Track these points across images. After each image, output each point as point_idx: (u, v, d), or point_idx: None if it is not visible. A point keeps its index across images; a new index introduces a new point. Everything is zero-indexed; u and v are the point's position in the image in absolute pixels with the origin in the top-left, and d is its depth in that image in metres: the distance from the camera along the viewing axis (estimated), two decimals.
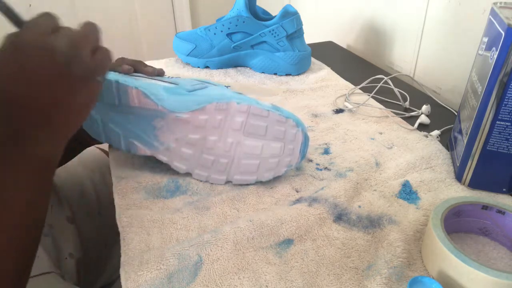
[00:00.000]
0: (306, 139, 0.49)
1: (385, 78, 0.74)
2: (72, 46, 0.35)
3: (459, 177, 0.50)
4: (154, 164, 0.53)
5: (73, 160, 0.63)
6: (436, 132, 0.61)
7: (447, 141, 0.59)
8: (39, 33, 0.34)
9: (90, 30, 0.37)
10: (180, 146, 0.47)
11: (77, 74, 0.35)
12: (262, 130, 0.47)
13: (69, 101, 0.36)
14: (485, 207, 0.41)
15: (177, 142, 0.47)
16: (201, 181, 0.50)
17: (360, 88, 0.75)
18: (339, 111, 0.68)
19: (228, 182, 0.49)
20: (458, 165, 0.50)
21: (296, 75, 0.83)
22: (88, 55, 0.36)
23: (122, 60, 0.53)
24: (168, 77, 0.55)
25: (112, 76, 0.46)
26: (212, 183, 0.50)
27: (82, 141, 0.56)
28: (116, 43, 1.53)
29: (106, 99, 0.46)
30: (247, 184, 0.50)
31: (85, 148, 0.63)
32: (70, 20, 1.58)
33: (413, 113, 0.67)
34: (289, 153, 0.48)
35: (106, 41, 0.39)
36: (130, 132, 0.47)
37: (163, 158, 0.48)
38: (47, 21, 0.35)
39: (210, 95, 0.48)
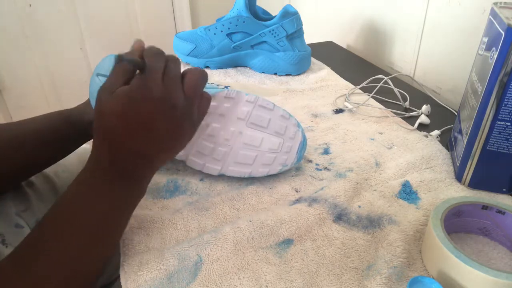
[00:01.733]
0: (304, 141, 0.50)
1: (385, 78, 0.74)
2: (186, 103, 0.37)
3: (459, 177, 0.50)
4: None
5: (73, 159, 0.62)
6: (436, 132, 0.61)
7: (447, 141, 0.59)
8: (157, 83, 0.35)
9: (201, 80, 0.38)
10: None
11: (189, 128, 0.38)
12: (265, 122, 0.48)
13: (174, 148, 0.39)
14: (485, 207, 0.41)
15: None
16: (196, 170, 0.50)
17: (360, 88, 0.75)
18: (339, 111, 0.68)
19: (221, 174, 0.49)
20: (458, 165, 0.50)
21: (296, 75, 0.83)
22: (196, 109, 0.39)
23: None
24: None
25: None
26: (206, 173, 0.50)
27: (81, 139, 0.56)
28: (116, 43, 1.53)
29: None
30: (246, 185, 0.50)
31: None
32: (70, 20, 1.57)
33: (413, 113, 0.67)
34: (286, 150, 0.49)
35: (106, 41, 0.39)
36: None
37: None
38: (159, 64, 0.36)
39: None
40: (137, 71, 0.36)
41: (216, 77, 0.81)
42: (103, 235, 0.36)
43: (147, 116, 0.35)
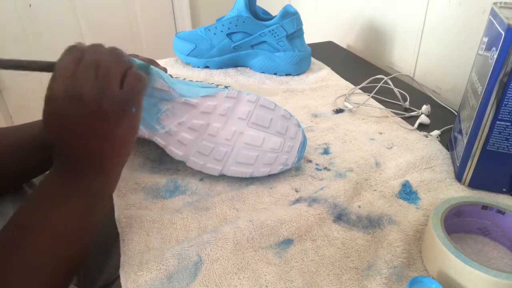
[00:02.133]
0: (304, 140, 0.50)
1: (385, 78, 0.74)
2: (99, 86, 0.35)
3: (459, 177, 0.50)
4: (153, 165, 0.53)
5: None
6: (436, 132, 0.61)
7: (447, 141, 0.59)
8: (65, 78, 0.34)
9: (115, 59, 0.37)
10: (181, 131, 0.48)
11: (111, 110, 0.36)
12: (267, 122, 0.48)
13: (111, 136, 0.37)
14: (485, 207, 0.41)
15: (179, 126, 0.48)
16: (195, 170, 0.50)
17: (360, 88, 0.75)
18: (339, 111, 0.68)
19: (222, 175, 0.49)
20: (458, 165, 0.50)
21: (296, 75, 0.83)
22: (117, 88, 0.36)
23: (136, 57, 0.53)
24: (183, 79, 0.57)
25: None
26: (206, 173, 0.49)
27: None
28: (116, 43, 1.53)
29: None
30: (246, 185, 0.50)
31: None
32: (70, 20, 1.57)
33: (413, 113, 0.67)
34: (287, 150, 0.49)
35: (106, 42, 0.39)
36: None
37: (160, 141, 0.48)
38: (72, 58, 0.35)
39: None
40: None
41: (216, 77, 0.81)
42: (67, 239, 0.35)
43: (62, 114, 0.34)
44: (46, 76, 0.37)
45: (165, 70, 0.56)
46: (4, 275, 0.32)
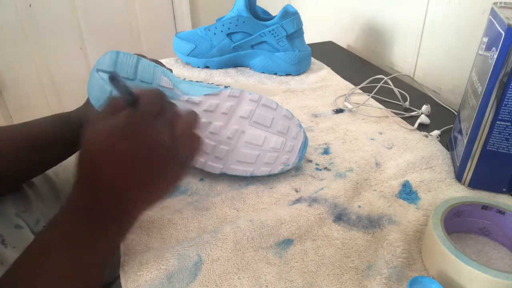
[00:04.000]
0: (306, 140, 0.50)
1: (385, 78, 0.74)
2: (175, 145, 0.34)
3: (459, 177, 0.50)
4: None
5: (73, 159, 0.62)
6: (436, 132, 0.61)
7: (447, 141, 0.59)
8: (143, 120, 0.32)
9: (193, 123, 0.37)
10: None
11: (173, 166, 0.35)
12: (268, 122, 0.48)
13: (157, 187, 0.35)
14: (485, 207, 0.41)
15: None
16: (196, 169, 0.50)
17: (360, 88, 0.75)
18: (339, 111, 0.68)
19: (222, 173, 0.49)
20: (458, 165, 0.50)
21: (296, 75, 0.83)
22: (184, 154, 0.36)
23: (143, 57, 0.53)
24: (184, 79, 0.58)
25: (133, 55, 0.49)
26: (206, 173, 0.49)
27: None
28: (116, 43, 1.53)
29: (121, 72, 0.47)
30: (246, 185, 0.50)
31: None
32: (70, 20, 1.57)
33: (413, 113, 0.67)
34: (288, 150, 0.49)
35: (106, 42, 0.39)
36: None
37: None
38: (153, 101, 0.34)
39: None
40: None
41: (216, 77, 0.81)
42: (77, 280, 0.33)
43: (130, 153, 0.32)
44: (45, 76, 0.37)
45: (170, 71, 0.56)
46: None
